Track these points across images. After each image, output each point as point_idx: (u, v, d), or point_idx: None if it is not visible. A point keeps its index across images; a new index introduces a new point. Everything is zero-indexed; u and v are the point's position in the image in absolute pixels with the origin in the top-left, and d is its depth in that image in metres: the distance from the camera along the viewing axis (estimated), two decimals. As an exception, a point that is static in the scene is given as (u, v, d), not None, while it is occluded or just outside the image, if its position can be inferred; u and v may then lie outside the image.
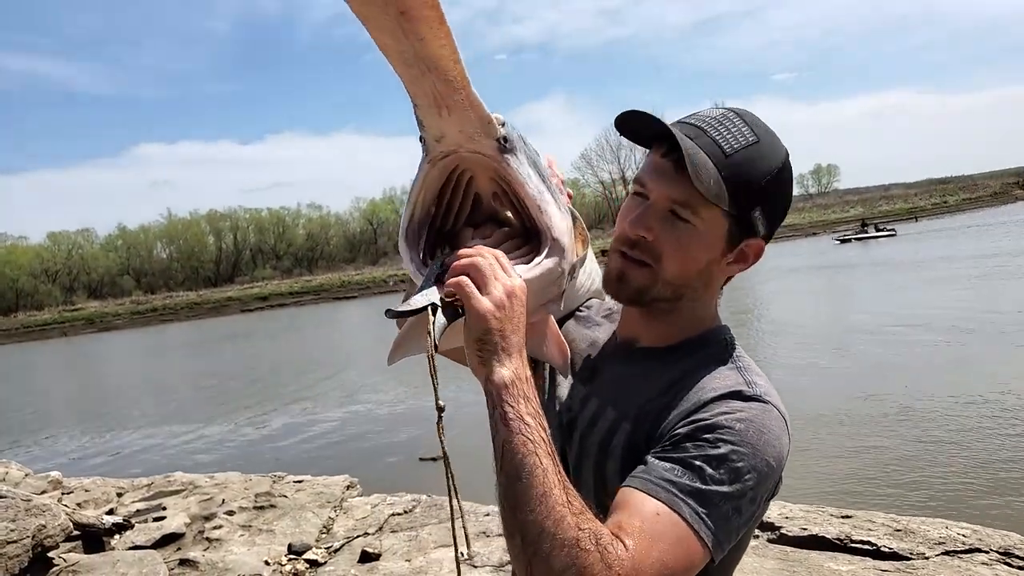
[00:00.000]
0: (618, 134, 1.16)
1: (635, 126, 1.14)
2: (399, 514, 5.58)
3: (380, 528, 5.43)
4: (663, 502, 0.93)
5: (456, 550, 1.13)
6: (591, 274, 1.48)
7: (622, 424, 1.12)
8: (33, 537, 4.11)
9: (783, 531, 4.10)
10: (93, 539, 5.23)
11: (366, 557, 4.87)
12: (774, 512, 4.34)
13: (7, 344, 60.52)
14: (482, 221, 1.18)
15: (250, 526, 5.76)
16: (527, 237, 1.16)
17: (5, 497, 4.49)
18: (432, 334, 0.96)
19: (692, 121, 1.11)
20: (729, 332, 1.20)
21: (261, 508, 6.12)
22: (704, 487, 0.94)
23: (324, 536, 5.52)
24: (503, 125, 1.04)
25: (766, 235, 1.15)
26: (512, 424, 0.92)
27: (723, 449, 0.96)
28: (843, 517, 4.26)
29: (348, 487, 6.49)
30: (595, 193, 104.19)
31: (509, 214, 1.17)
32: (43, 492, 6.59)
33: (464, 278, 0.97)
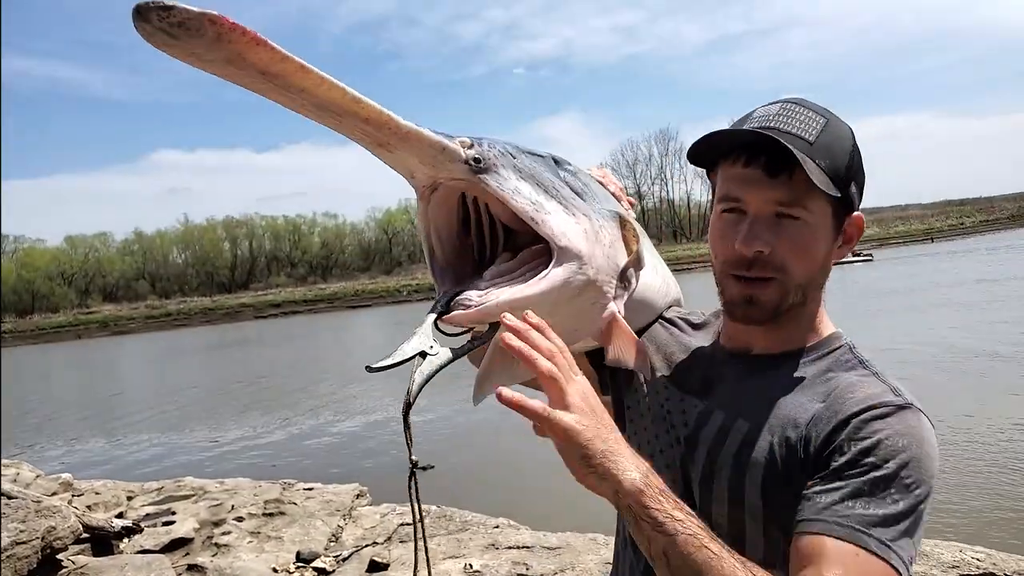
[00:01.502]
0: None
1: (706, 147, 1.12)
2: (408, 524, 5.56)
3: (389, 538, 5.41)
4: (850, 541, 0.90)
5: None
6: (665, 278, 1.44)
7: (760, 436, 1.08)
8: (42, 539, 4.13)
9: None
10: (102, 542, 5.24)
11: (374, 567, 4.85)
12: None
13: (22, 345, 61.08)
14: (525, 243, 1.13)
15: (259, 533, 5.75)
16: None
17: (16, 498, 4.51)
18: (412, 384, 0.94)
19: (759, 123, 1.09)
20: (845, 336, 1.18)
21: (270, 515, 6.11)
22: (882, 512, 0.92)
23: (333, 545, 5.50)
24: (471, 146, 1.00)
25: (859, 207, 1.15)
26: (667, 527, 0.88)
27: (890, 469, 0.94)
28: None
29: (358, 496, 6.48)
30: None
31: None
32: (54, 494, 6.62)
33: (554, 369, 0.91)
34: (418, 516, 1.01)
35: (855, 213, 1.13)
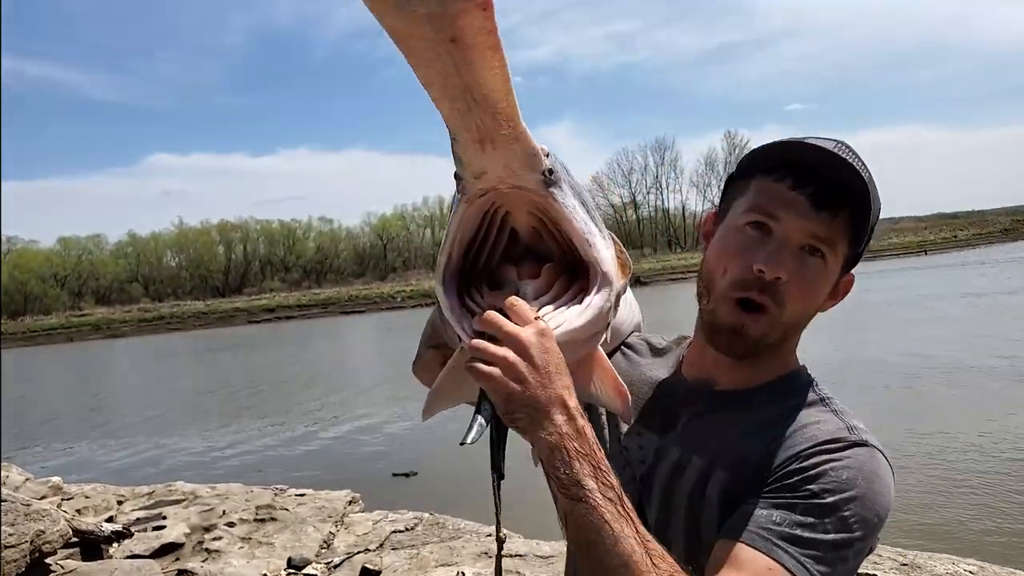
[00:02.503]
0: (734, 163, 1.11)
1: (776, 153, 1.06)
2: (401, 531, 5.54)
3: (381, 545, 5.39)
4: (765, 552, 0.88)
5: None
6: (632, 304, 1.39)
7: (715, 472, 1.04)
8: (31, 542, 4.09)
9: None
10: (91, 546, 5.20)
11: (366, 574, 4.83)
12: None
13: (13, 347, 60.72)
14: (520, 255, 1.09)
15: (250, 539, 5.72)
16: (572, 271, 1.07)
17: (5, 501, 4.47)
18: (493, 465, 0.93)
19: (817, 153, 1.03)
20: (808, 372, 1.15)
21: (262, 521, 6.08)
22: (809, 535, 0.89)
23: (324, 551, 5.47)
24: (548, 155, 0.95)
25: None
26: (571, 491, 0.86)
27: (831, 499, 0.91)
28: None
29: (350, 502, 6.45)
30: (606, 216, 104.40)
31: (551, 247, 1.09)
32: (43, 497, 6.58)
33: (478, 365, 0.89)
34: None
35: (850, 274, 1.11)
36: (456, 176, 0.97)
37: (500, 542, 0.93)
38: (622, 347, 1.36)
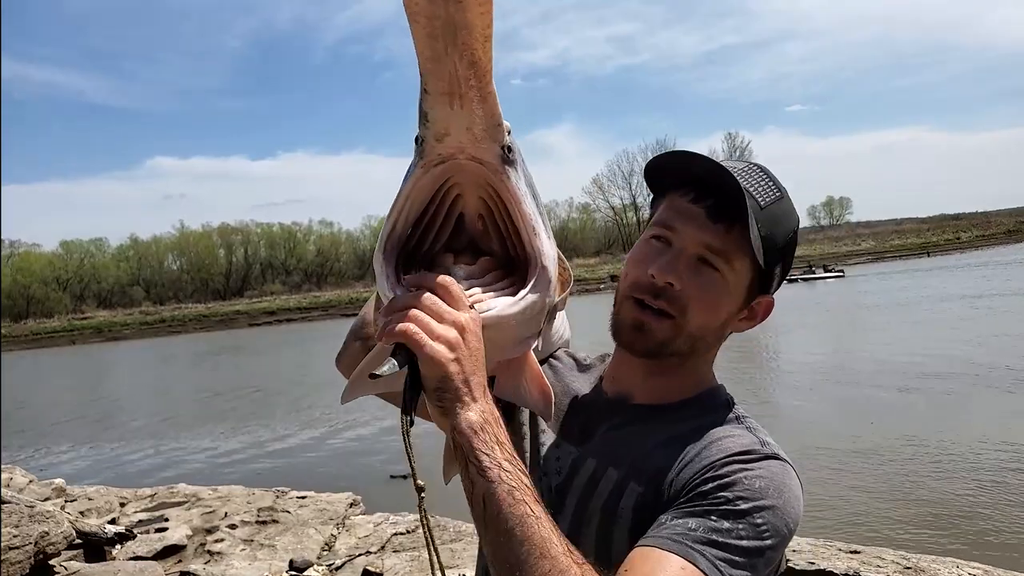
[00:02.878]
0: (642, 170, 1.12)
1: (666, 168, 1.11)
2: (402, 534, 5.55)
3: (382, 547, 5.39)
4: (680, 555, 0.88)
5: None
6: (564, 320, 1.38)
7: (629, 485, 1.05)
8: (36, 544, 4.10)
9: (790, 564, 4.04)
10: (94, 548, 5.21)
11: (367, 576, 4.84)
12: (781, 544, 4.28)
13: (16, 350, 60.76)
14: (462, 247, 1.09)
15: (252, 541, 5.73)
16: (510, 268, 1.07)
17: (9, 502, 4.48)
18: (405, 409, 0.87)
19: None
20: (727, 391, 1.17)
21: (263, 523, 6.09)
22: (723, 540, 0.90)
23: (326, 553, 5.48)
24: (509, 133, 0.95)
25: (774, 293, 1.13)
26: (491, 473, 0.85)
27: (744, 506, 0.92)
28: (851, 552, 4.20)
29: (351, 504, 6.46)
30: (606, 218, 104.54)
31: (494, 243, 1.08)
32: (47, 499, 6.59)
33: (410, 325, 0.87)
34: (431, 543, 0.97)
35: (769, 297, 1.12)
36: (417, 140, 0.95)
37: (420, 490, 0.90)
38: (549, 359, 1.36)
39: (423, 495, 0.91)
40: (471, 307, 0.93)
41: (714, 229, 1.04)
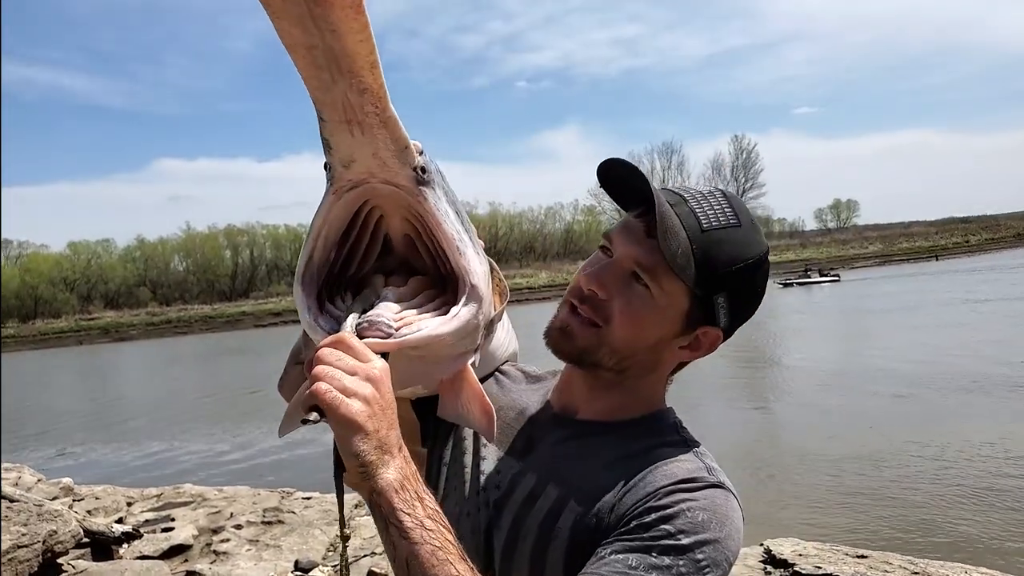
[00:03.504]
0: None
1: (618, 180, 1.09)
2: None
3: (388, 548, 5.40)
4: None
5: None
6: (509, 332, 1.36)
7: (568, 503, 1.03)
8: (44, 542, 4.12)
9: (796, 568, 4.04)
10: (102, 547, 5.23)
11: (373, 577, 4.84)
12: (787, 548, 4.29)
13: (24, 350, 61.03)
14: (393, 267, 1.07)
15: (257, 541, 5.75)
16: (443, 285, 1.04)
17: (17, 501, 4.51)
18: (337, 465, 0.88)
19: (677, 189, 1.07)
20: (675, 415, 1.15)
21: (269, 523, 6.11)
22: None
23: (331, 554, 5.49)
24: (421, 153, 0.93)
25: (726, 328, 1.07)
26: (413, 534, 0.84)
27: (685, 540, 0.90)
28: (858, 557, 4.19)
29: (356, 506, 6.46)
30: (611, 220, 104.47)
31: (424, 259, 1.07)
32: (54, 498, 6.62)
33: (320, 384, 0.84)
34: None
35: (717, 329, 1.07)
36: (326, 167, 0.94)
37: (344, 539, 0.92)
38: (496, 373, 1.33)
39: (347, 544, 0.94)
40: (396, 332, 0.92)
41: (648, 245, 1.02)
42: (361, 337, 0.90)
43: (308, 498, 6.71)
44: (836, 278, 49.80)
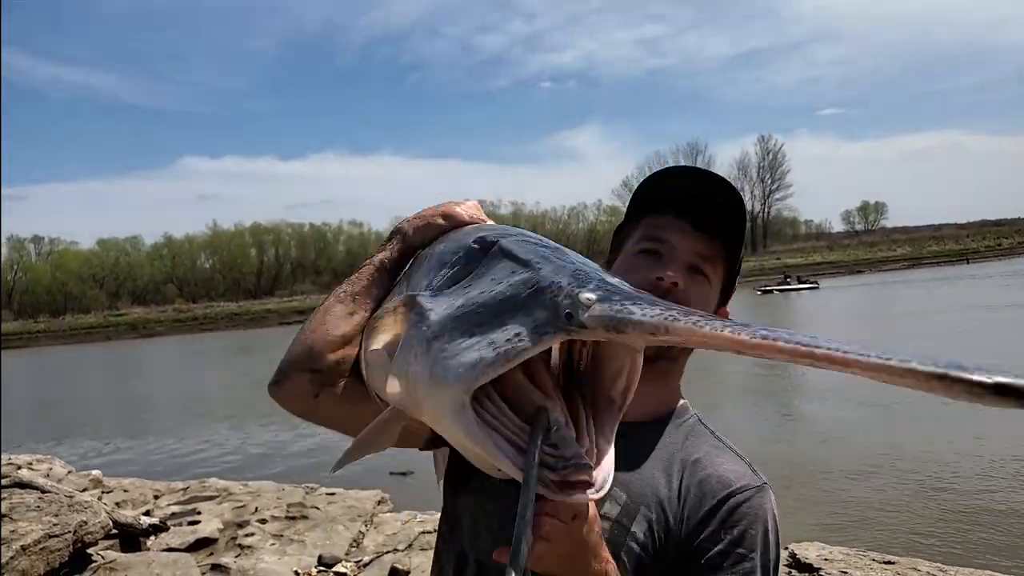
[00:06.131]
0: (647, 187, 1.18)
1: (645, 193, 1.17)
2: (429, 532, 5.57)
3: (410, 545, 5.43)
4: None
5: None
6: None
7: (639, 510, 1.06)
8: (75, 532, 4.20)
9: (822, 573, 4.00)
10: (130, 538, 5.32)
11: (395, 573, 4.87)
12: (812, 553, 4.24)
13: (55, 345, 62.14)
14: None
15: (282, 535, 5.80)
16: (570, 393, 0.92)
17: (49, 492, 4.59)
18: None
19: (691, 180, 1.16)
20: (690, 406, 1.21)
21: (293, 519, 6.16)
22: None
23: (354, 550, 5.53)
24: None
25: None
26: None
27: (755, 561, 1.04)
28: (885, 563, 4.14)
29: (379, 502, 6.51)
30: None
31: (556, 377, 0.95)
32: (84, 490, 6.73)
33: (550, 554, 0.84)
34: None
35: (725, 308, 1.20)
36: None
37: None
38: None
39: None
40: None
41: (699, 238, 1.12)
42: (565, 482, 0.79)
43: (332, 494, 6.76)
44: (815, 285, 49.60)
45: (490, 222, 1.12)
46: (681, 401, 1.19)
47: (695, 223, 1.11)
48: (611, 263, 1.20)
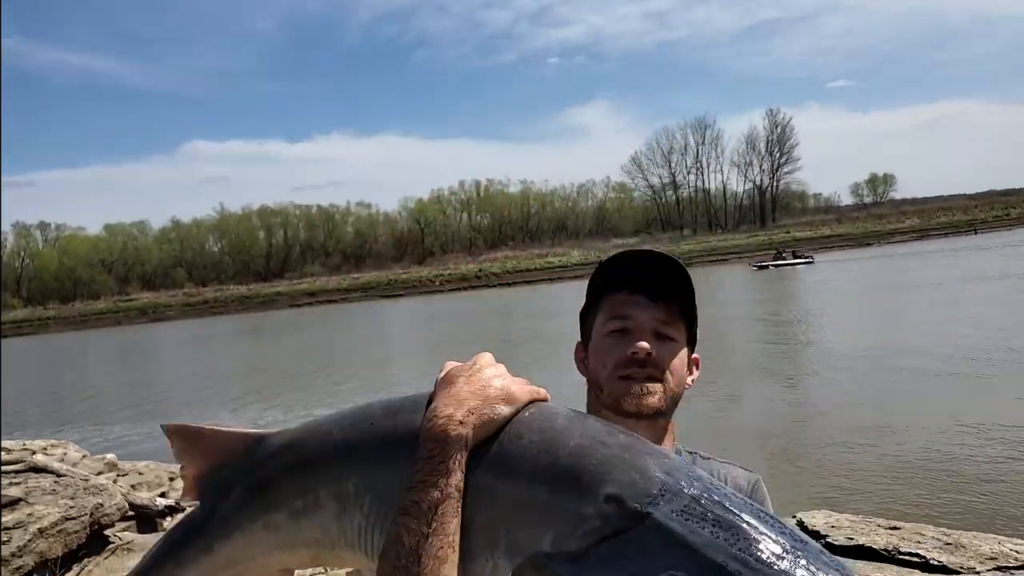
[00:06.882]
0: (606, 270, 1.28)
1: (603, 278, 1.29)
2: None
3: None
4: None
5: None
6: None
7: None
8: (91, 515, 4.27)
9: (829, 540, 4.03)
10: (146, 520, 5.40)
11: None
12: (819, 520, 4.28)
13: (65, 331, 62.65)
14: None
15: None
16: None
17: (64, 476, 4.67)
18: None
19: (635, 263, 1.27)
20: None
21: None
22: None
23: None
24: None
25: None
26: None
27: None
28: (891, 529, 4.17)
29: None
30: (644, 197, 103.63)
31: None
32: (99, 473, 6.82)
33: None
34: None
35: (695, 355, 1.33)
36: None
37: None
38: None
39: None
40: None
41: (656, 307, 1.24)
42: None
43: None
44: (810, 260, 49.49)
45: (546, 395, 0.95)
46: (676, 446, 1.33)
47: (650, 295, 1.23)
48: (585, 344, 1.33)
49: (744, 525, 0.74)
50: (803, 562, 0.71)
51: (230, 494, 1.02)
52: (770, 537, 0.73)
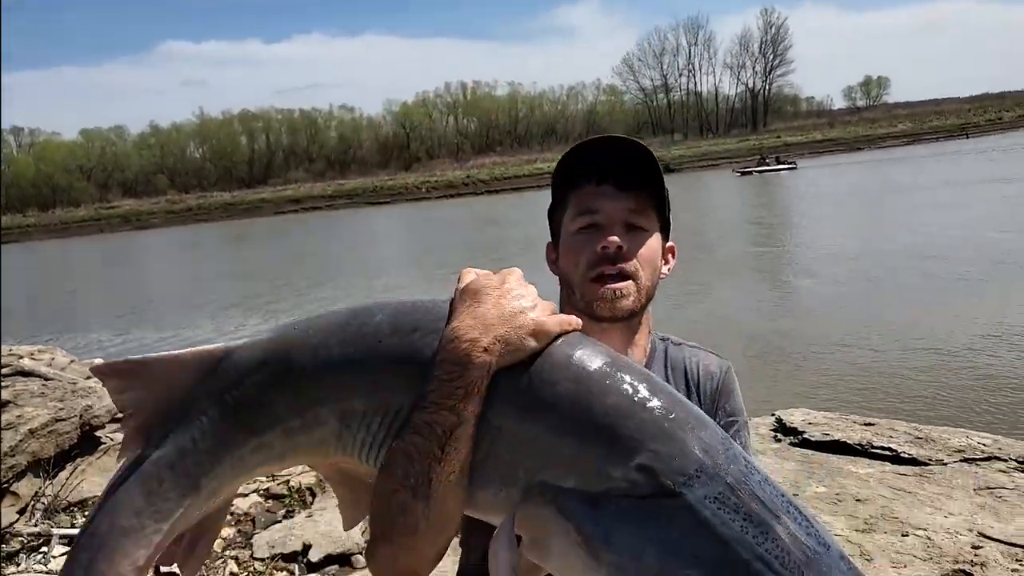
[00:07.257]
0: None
1: (565, 170, 1.22)
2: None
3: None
4: None
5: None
6: None
7: None
8: (80, 416, 4.32)
9: (805, 436, 4.16)
10: (136, 421, 5.47)
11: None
12: (797, 417, 4.40)
13: (47, 239, 62.08)
14: None
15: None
16: None
17: (52, 379, 4.70)
18: None
19: (605, 150, 1.18)
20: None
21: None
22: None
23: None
24: None
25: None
26: None
27: (742, 419, 1.30)
28: (865, 424, 4.30)
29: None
30: (635, 100, 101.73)
31: None
32: (88, 378, 6.88)
33: None
34: None
35: (670, 243, 1.29)
36: None
37: None
38: None
39: None
40: None
41: (626, 197, 1.17)
42: None
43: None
44: (793, 165, 49.38)
45: (578, 323, 0.92)
46: (651, 336, 1.30)
47: (618, 185, 1.16)
48: (556, 244, 1.27)
49: (774, 523, 0.73)
50: (823, 570, 0.72)
51: (202, 422, 0.92)
52: (798, 538, 0.73)
